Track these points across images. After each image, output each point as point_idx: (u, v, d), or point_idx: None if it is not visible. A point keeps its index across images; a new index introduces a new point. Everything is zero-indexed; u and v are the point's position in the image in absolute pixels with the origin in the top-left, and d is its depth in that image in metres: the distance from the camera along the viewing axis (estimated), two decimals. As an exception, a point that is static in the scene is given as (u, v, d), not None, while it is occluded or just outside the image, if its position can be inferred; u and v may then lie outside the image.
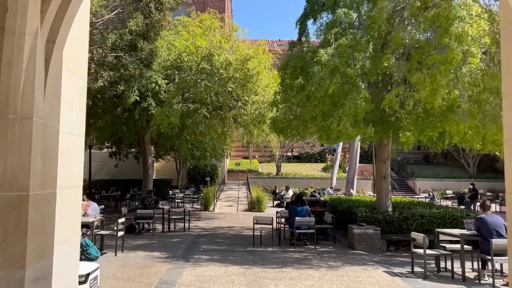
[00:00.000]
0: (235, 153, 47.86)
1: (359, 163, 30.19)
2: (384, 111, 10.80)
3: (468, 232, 7.26)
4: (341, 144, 32.03)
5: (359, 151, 29.90)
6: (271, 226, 10.31)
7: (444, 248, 7.89)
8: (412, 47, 9.54)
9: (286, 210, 11.97)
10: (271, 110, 11.64)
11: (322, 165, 40.85)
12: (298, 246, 10.37)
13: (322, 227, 11.31)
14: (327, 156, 43.63)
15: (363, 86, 9.55)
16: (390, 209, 11.40)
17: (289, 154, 41.04)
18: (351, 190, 27.16)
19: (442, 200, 27.71)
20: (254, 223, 10.53)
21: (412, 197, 26.26)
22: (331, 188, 26.90)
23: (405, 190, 34.71)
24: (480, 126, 8.75)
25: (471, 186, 22.36)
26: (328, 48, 9.52)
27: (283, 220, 11.68)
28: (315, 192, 23.80)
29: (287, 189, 24.81)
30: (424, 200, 23.17)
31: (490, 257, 6.48)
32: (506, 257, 6.58)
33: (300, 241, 10.77)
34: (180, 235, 12.58)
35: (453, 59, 8.04)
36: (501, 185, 34.97)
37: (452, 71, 8.58)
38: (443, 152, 44.80)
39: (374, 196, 27.75)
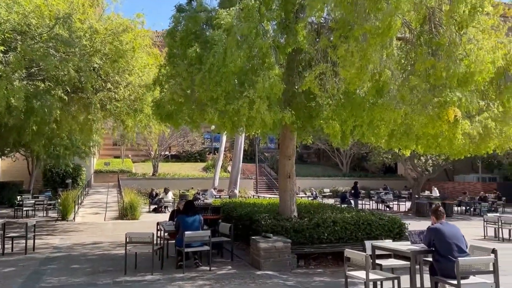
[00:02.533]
0: (105, 151, 42.87)
1: (240, 162, 28.67)
2: (293, 97, 8.98)
3: (417, 248, 5.67)
4: (224, 142, 30.22)
5: (242, 149, 28.39)
6: (151, 246, 7.58)
7: (381, 267, 6.24)
8: (333, 19, 7.84)
9: (170, 222, 9.31)
10: (153, 90, 8.87)
11: (203, 164, 38.65)
12: (188, 269, 7.84)
13: (217, 241, 8.98)
14: (207, 155, 41.56)
15: (275, 62, 7.51)
16: (295, 213, 9.62)
17: (167, 153, 37.84)
18: (235, 191, 25.49)
19: (322, 198, 27.73)
20: (126, 242, 7.68)
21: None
22: (214, 189, 24.77)
23: (286, 190, 34.52)
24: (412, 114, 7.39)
25: (358, 186, 22.43)
26: (231, 9, 7.24)
27: (166, 235, 9.00)
28: (198, 194, 21.41)
29: (166, 191, 21.89)
30: (307, 199, 22.62)
31: (455, 282, 4.91)
32: (474, 281, 5.09)
33: (189, 260, 8.26)
34: (19, 261, 9.01)
35: (389, 29, 6.44)
36: (370, 183, 37.20)
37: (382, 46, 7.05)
38: (316, 151, 46.75)
39: (258, 196, 26.54)
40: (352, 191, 22.90)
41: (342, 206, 20.22)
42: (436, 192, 28.31)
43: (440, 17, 7.58)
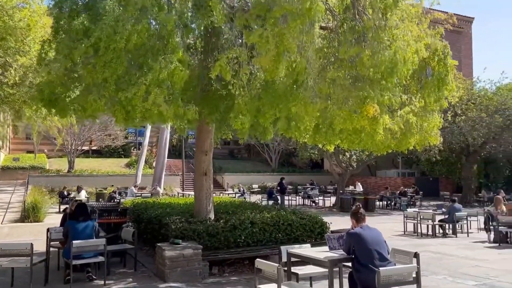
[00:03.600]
0: (16, 145, 39.04)
1: (167, 157, 27.22)
2: (210, 86, 8.05)
3: (335, 256, 5.02)
4: (148, 136, 28.49)
5: (168, 144, 26.97)
6: (28, 258, 6.25)
7: (297, 276, 5.55)
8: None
9: (60, 228, 7.95)
10: (38, 70, 7.47)
11: (126, 160, 36.39)
12: (78, 284, 6.63)
13: (117, 250, 7.81)
14: (132, 150, 39.30)
15: (181, 44, 6.51)
16: (212, 215, 8.73)
17: (86, 148, 35.08)
18: (158, 188, 24.15)
19: (250, 194, 27.19)
20: (-3, 256, 6.29)
21: (222, 193, 24.87)
22: (135, 186, 23.16)
23: (214, 186, 33.52)
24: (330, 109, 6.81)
25: (284, 182, 22.06)
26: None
27: (57, 243, 7.66)
28: (115, 192, 19.74)
29: (79, 190, 19.93)
30: (234, 196, 21.93)
31: (374, 295, 4.32)
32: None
33: (81, 272, 7.03)
34: None
35: (309, 10, 5.74)
36: (298, 178, 37.41)
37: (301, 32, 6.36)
38: (247, 147, 46.29)
39: (183, 194, 25.30)
40: (278, 187, 22.56)
41: (269, 202, 19.81)
42: (359, 187, 28.98)
43: (364, 4, 7.10)
